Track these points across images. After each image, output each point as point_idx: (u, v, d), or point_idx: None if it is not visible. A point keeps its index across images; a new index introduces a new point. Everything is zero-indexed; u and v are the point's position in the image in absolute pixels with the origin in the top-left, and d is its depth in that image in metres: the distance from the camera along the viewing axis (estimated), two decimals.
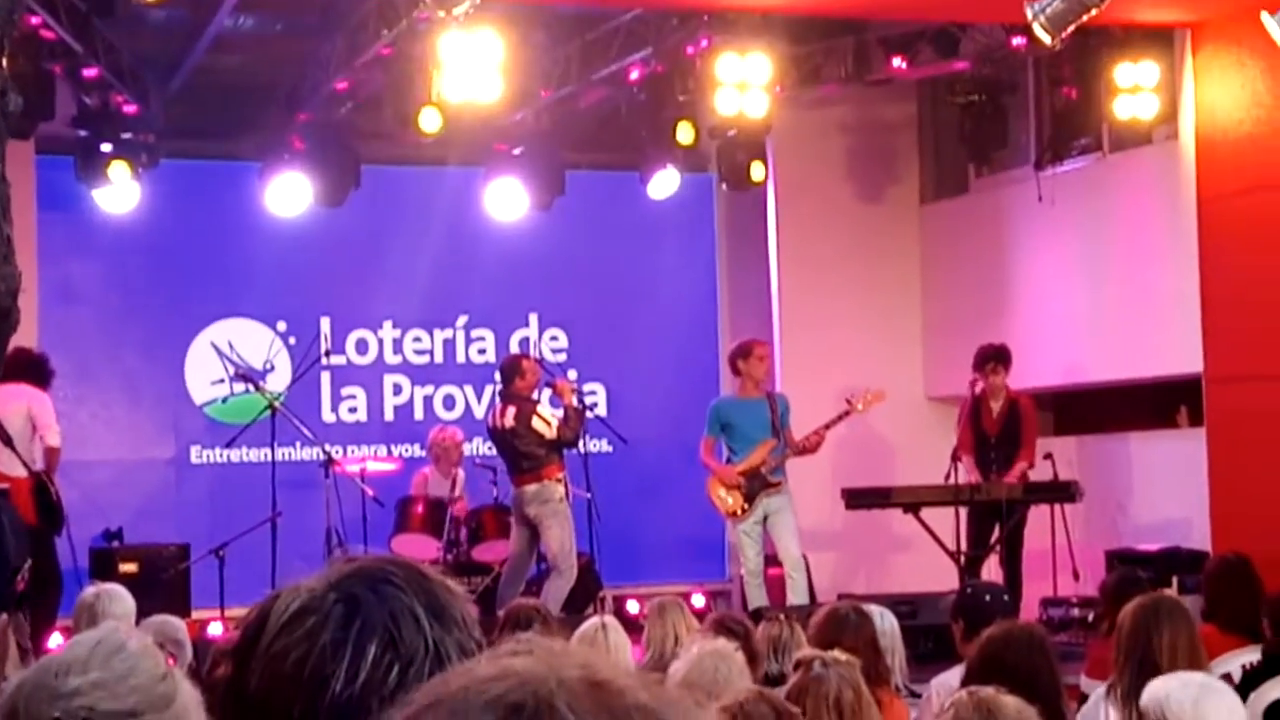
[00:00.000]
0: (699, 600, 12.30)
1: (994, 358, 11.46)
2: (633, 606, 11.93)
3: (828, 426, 11.23)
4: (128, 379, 12.40)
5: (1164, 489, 11.85)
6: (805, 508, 11.43)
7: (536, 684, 0.96)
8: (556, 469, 10.87)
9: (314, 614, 1.46)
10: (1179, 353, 11.33)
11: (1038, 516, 11.31)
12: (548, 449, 10.84)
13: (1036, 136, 12.72)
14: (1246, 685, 6.22)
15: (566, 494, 10.85)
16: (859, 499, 11.66)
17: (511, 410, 10.92)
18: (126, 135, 11.21)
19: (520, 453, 10.86)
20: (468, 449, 12.37)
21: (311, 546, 10.84)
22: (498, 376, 11.60)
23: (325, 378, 12.88)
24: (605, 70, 11.46)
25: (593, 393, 13.03)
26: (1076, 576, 11.11)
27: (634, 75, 11.54)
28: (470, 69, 10.12)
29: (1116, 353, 11.95)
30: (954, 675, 5.70)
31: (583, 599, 11.13)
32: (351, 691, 1.41)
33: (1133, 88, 11.34)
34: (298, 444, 11.89)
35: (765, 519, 11.12)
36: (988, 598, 6.69)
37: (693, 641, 6.06)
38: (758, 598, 10.98)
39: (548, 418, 10.91)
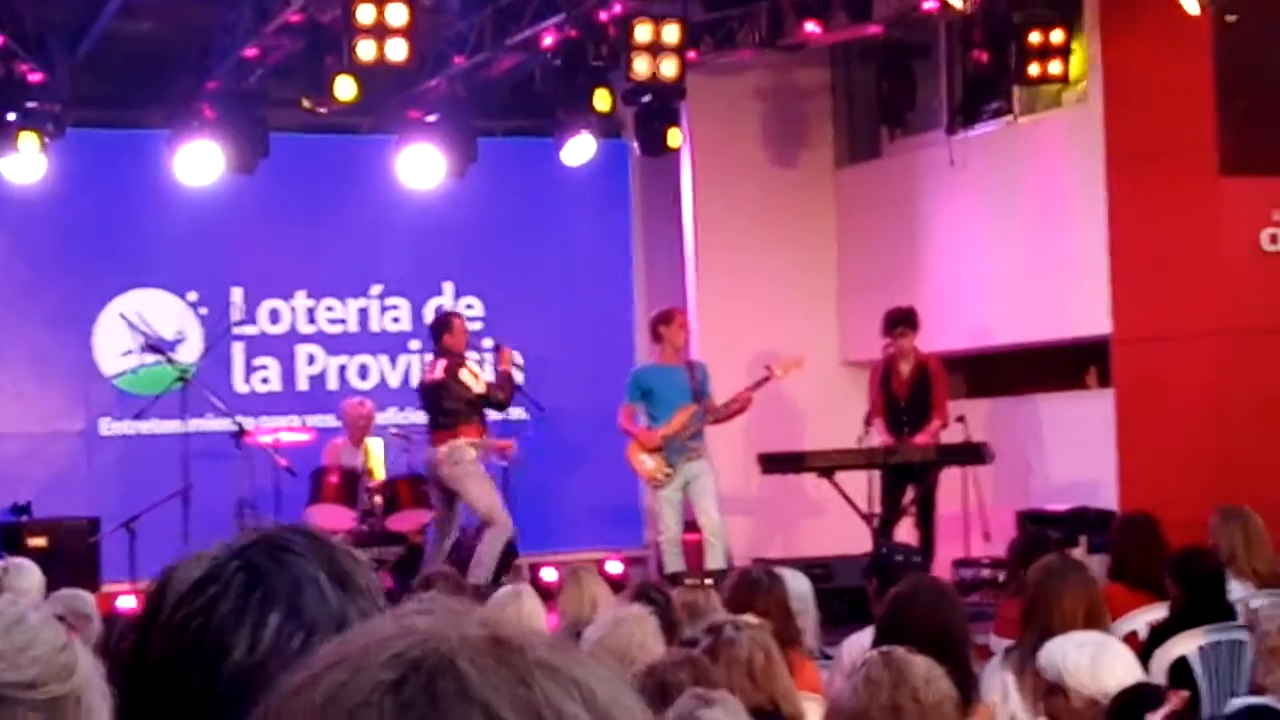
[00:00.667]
0: (616, 567, 12.33)
1: (901, 321, 11.54)
2: (549, 574, 11.94)
3: (750, 391, 11.27)
4: (35, 351, 12.23)
5: (1073, 450, 11.99)
6: (721, 473, 11.47)
7: (438, 641, 0.96)
8: (474, 431, 10.86)
9: (214, 583, 1.45)
10: (1088, 315, 11.46)
11: (950, 478, 11.41)
12: (470, 407, 10.84)
13: (948, 100, 12.80)
14: (1153, 642, 6.34)
15: (493, 454, 10.81)
16: (774, 463, 11.71)
17: (441, 364, 10.95)
18: (32, 104, 11.02)
19: (442, 408, 10.86)
20: (381, 419, 12.32)
21: (224, 518, 10.76)
22: (429, 335, 11.59)
23: (237, 348, 12.77)
24: (519, 36, 11.40)
25: None
26: (988, 537, 11.23)
27: (547, 41, 11.48)
28: (381, 35, 10.04)
29: (1027, 315, 12.07)
30: (865, 636, 5.75)
31: (499, 567, 11.12)
32: (253, 660, 1.41)
33: (1043, 51, 11.44)
34: (209, 415, 11.78)
35: (686, 485, 11.17)
36: (900, 558, 6.77)
37: (608, 608, 6.08)
38: (675, 563, 11.03)
39: (476, 372, 10.94)
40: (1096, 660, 4.24)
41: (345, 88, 10.50)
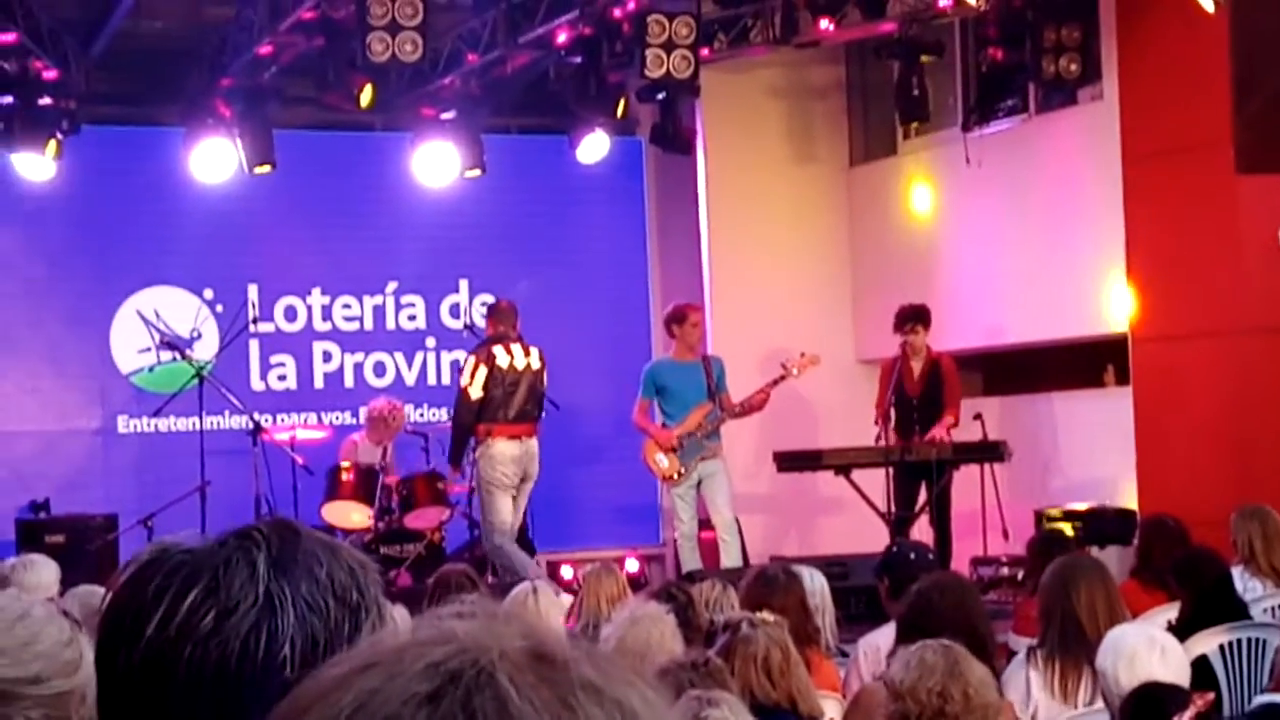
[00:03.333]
0: (633, 565, 12.32)
1: (912, 317, 11.50)
2: (566, 572, 11.92)
3: (768, 389, 11.25)
4: (52, 349, 12.24)
5: (1091, 448, 11.95)
6: (736, 470, 11.45)
7: (478, 652, 0.91)
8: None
9: (155, 565, 1.46)
10: (1105, 313, 11.42)
11: (967, 476, 11.37)
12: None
13: (963, 98, 12.76)
14: None
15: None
16: (790, 461, 11.68)
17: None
18: (47, 102, 11.03)
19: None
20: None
21: (241, 515, 10.72)
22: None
23: (254, 345, 12.77)
24: (532, 34, 11.38)
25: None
26: (1006, 535, 11.19)
27: (561, 38, 11.47)
28: (395, 31, 10.04)
29: (1043, 313, 12.03)
30: (882, 635, 5.73)
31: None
32: (166, 635, 1.40)
33: (1058, 48, 11.39)
34: (226, 412, 11.78)
35: (700, 482, 11.15)
36: (912, 555, 6.72)
37: (625, 607, 6.06)
38: (691, 561, 11.01)
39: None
40: (1143, 653, 4.23)
41: (365, 95, 10.60)
